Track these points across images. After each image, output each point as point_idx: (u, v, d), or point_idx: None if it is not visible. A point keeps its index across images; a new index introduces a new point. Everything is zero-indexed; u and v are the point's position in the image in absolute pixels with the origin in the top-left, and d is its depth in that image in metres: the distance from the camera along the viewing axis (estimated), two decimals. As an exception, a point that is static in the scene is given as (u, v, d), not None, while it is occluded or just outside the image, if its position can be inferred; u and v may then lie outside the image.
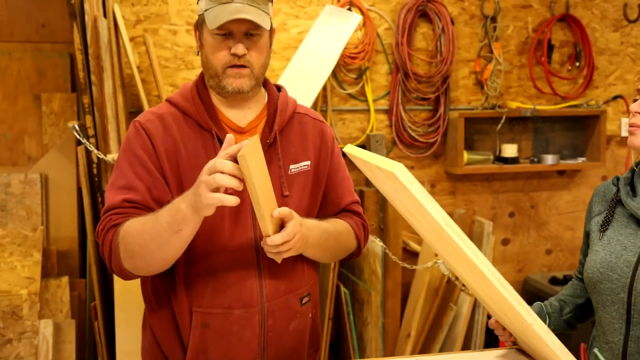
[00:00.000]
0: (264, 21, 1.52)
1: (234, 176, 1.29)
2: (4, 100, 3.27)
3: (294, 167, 1.62)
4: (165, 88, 3.29)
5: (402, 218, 3.50)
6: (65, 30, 3.35)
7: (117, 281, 2.81)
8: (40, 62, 3.30)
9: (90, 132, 2.89)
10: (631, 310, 1.44)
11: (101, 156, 2.84)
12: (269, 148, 1.60)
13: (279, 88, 1.74)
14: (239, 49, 1.52)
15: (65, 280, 3.05)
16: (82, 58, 2.84)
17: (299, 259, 1.63)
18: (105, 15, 2.99)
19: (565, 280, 3.85)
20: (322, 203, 1.73)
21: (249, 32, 1.53)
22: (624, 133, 4.04)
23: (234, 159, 1.29)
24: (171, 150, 1.55)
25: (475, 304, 3.48)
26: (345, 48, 3.36)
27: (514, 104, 3.78)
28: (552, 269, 4.04)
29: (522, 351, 1.57)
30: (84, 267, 3.24)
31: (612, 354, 1.48)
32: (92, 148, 2.85)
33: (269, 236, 1.40)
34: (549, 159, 3.82)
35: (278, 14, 3.43)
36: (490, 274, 1.15)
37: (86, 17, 2.84)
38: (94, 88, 2.88)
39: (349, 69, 3.57)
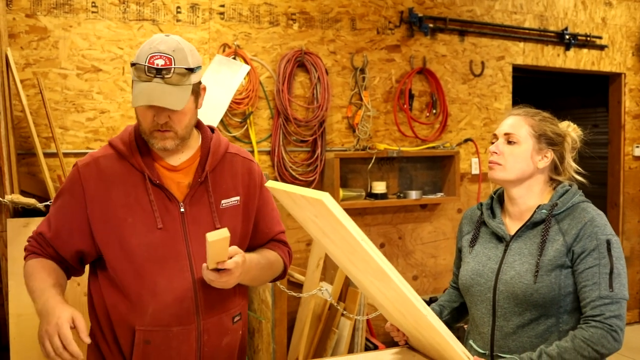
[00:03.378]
0: (177, 102, 1.65)
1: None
2: None
3: (225, 202, 1.82)
4: (55, 130, 3.36)
5: (286, 251, 3.78)
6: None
7: (13, 325, 2.82)
8: None
9: (-14, 173, 2.90)
10: (496, 306, 1.81)
11: (-4, 197, 2.86)
12: (201, 185, 1.80)
13: (212, 129, 1.93)
14: (160, 119, 1.69)
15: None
16: (-22, 100, 2.87)
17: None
18: (-3, 59, 3.05)
19: (431, 301, 4.30)
20: (254, 233, 1.94)
21: None
22: (475, 171, 4.65)
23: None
24: (101, 192, 1.74)
25: (355, 327, 3.81)
26: (232, 94, 3.63)
27: (381, 146, 4.23)
28: (418, 294, 4.48)
29: (413, 349, 1.90)
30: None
31: (483, 343, 1.85)
32: (-14, 189, 2.86)
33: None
34: (413, 194, 4.30)
35: (167, 61, 3.63)
36: (395, 276, 1.45)
37: (-18, 60, 2.89)
38: (-12, 130, 2.91)
39: (234, 114, 3.83)
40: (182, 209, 1.76)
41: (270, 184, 1.69)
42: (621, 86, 5.43)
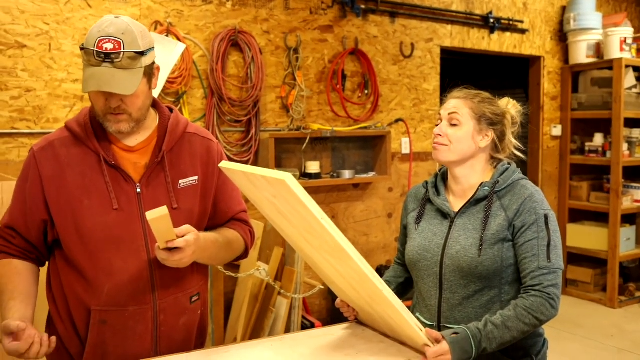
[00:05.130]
0: (127, 87, 1.64)
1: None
2: None
3: (183, 182, 1.83)
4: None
5: (222, 232, 3.77)
6: None
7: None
8: None
9: None
10: (442, 279, 1.90)
11: None
12: (157, 165, 1.79)
13: (171, 109, 1.92)
14: (113, 103, 1.69)
15: None
16: None
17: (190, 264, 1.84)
18: None
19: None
20: (213, 212, 1.93)
21: None
22: (405, 150, 4.76)
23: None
24: (57, 175, 1.73)
25: (292, 306, 3.85)
26: (165, 73, 3.56)
27: (315, 126, 4.26)
28: (351, 271, 4.57)
29: (362, 324, 1.96)
30: None
31: (430, 315, 1.93)
32: None
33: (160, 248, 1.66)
34: (346, 174, 4.37)
35: (96, 38, 3.51)
36: (353, 253, 1.50)
37: None
38: None
39: (167, 93, 3.76)
40: (138, 190, 1.76)
41: (225, 164, 1.69)
42: (540, 69, 5.69)
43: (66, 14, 3.43)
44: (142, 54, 1.67)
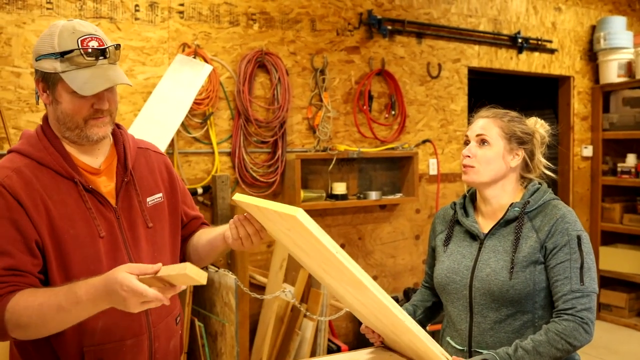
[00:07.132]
0: (126, 79, 1.59)
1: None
2: None
3: (150, 200, 1.73)
4: (9, 131, 3.24)
5: (248, 253, 3.75)
6: None
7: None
8: None
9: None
10: (472, 302, 1.84)
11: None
12: (127, 184, 1.68)
13: (117, 125, 1.77)
14: (105, 105, 1.57)
15: None
16: None
17: None
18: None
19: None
20: (187, 221, 1.89)
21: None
22: (432, 171, 4.71)
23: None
24: (38, 202, 1.52)
25: (317, 328, 3.81)
26: (192, 94, 3.57)
27: (342, 147, 4.24)
28: (378, 294, 4.51)
29: (388, 348, 1.91)
30: None
31: (461, 339, 1.88)
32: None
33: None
34: (373, 195, 4.32)
35: (125, 61, 3.56)
36: (371, 285, 1.45)
37: None
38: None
39: (194, 114, 3.78)
40: (117, 215, 1.65)
41: (239, 197, 1.63)
42: (570, 89, 5.61)
43: (96, 37, 3.47)
44: (119, 46, 1.61)
